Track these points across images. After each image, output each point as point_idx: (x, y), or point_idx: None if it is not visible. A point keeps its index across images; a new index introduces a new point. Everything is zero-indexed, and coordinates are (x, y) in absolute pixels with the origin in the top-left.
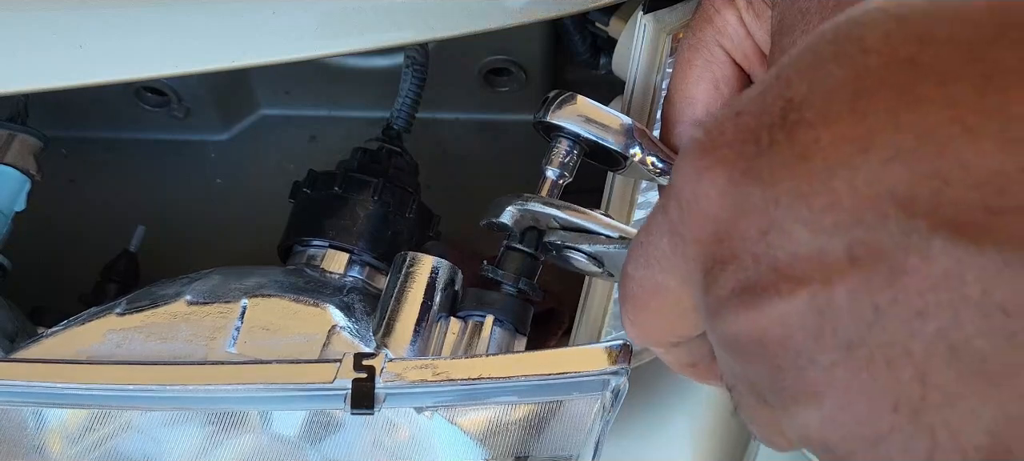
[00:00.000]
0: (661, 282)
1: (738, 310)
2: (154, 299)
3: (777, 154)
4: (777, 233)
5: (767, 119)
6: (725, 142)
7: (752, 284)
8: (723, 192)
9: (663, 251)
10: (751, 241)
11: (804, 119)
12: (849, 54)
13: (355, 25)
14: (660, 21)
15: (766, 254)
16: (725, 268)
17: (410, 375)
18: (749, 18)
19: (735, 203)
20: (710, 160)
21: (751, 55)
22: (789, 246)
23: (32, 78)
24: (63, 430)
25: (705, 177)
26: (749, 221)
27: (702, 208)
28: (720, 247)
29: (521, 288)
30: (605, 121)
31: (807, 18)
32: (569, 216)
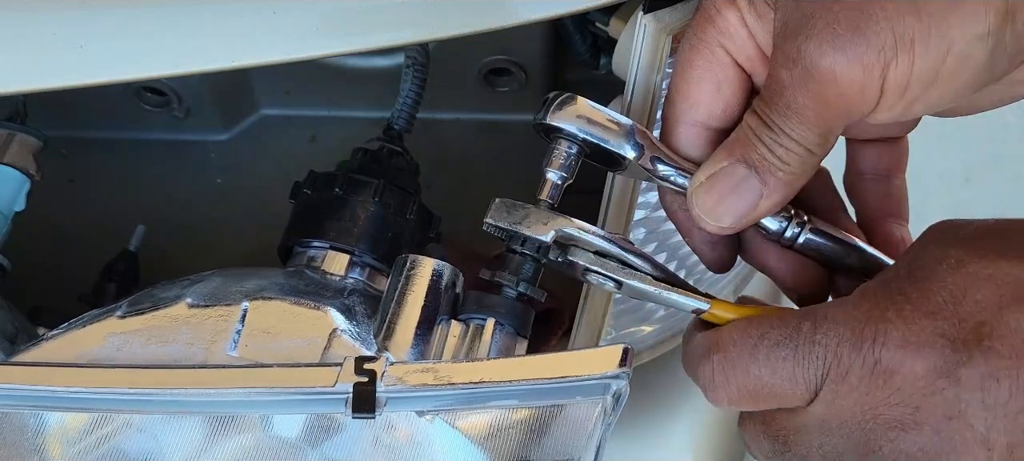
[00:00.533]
0: (778, 388)
1: None
2: (155, 302)
3: (974, 369)
4: (960, 422)
5: (963, 335)
6: (926, 341)
7: (932, 450)
8: (918, 377)
9: (789, 370)
10: (936, 420)
11: (995, 349)
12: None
13: (355, 25)
14: (660, 21)
15: (947, 432)
16: (908, 432)
17: (411, 379)
18: (751, 19)
19: (931, 389)
20: (914, 351)
21: (753, 56)
22: (967, 433)
23: (32, 78)
24: (63, 433)
25: (908, 356)
26: (940, 408)
27: (896, 380)
28: (904, 413)
29: (522, 291)
30: (605, 122)
31: (811, 22)
32: (651, 288)
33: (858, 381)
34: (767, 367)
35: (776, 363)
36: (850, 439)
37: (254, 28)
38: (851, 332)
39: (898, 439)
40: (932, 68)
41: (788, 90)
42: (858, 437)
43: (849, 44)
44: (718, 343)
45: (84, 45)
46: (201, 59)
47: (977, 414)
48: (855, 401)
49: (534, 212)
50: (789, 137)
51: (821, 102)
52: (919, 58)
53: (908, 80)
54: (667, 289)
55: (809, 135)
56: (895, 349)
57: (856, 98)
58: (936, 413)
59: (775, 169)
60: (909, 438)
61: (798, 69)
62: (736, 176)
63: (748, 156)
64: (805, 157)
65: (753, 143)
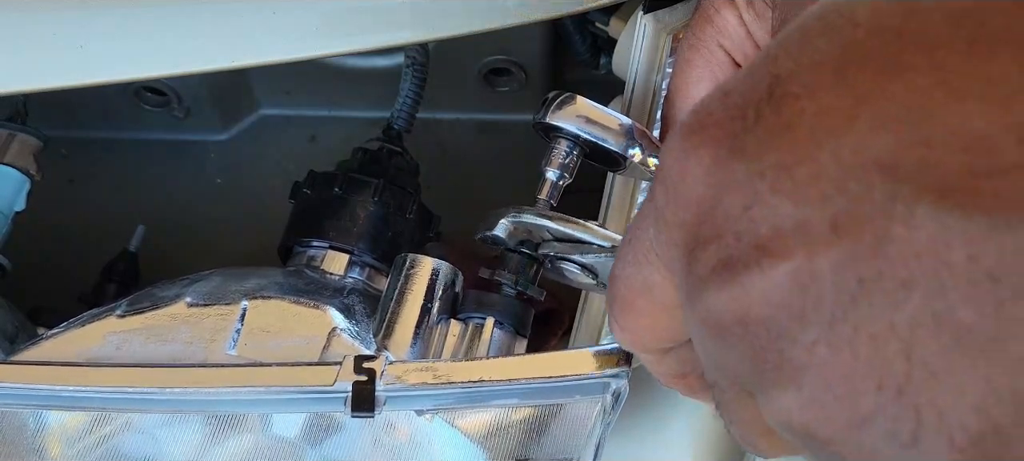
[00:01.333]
0: (648, 277)
1: (718, 289)
2: (154, 301)
3: (762, 128)
4: (760, 207)
5: (754, 96)
6: (713, 122)
7: (733, 261)
8: (708, 171)
9: (650, 242)
10: (734, 218)
11: (790, 92)
12: (836, 28)
13: (355, 25)
14: (660, 21)
15: (748, 229)
16: (706, 247)
17: (411, 378)
18: (749, 18)
19: (720, 181)
20: (697, 140)
21: (752, 55)
22: (772, 219)
23: (32, 78)
24: (63, 432)
25: (692, 157)
26: (733, 197)
27: (687, 189)
28: (702, 226)
29: (521, 290)
30: (605, 122)
31: None
32: (562, 227)
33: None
34: (623, 262)
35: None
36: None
37: (254, 28)
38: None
39: (696, 261)
40: None
41: None
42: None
43: None
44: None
45: (84, 45)
46: (201, 59)
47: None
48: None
49: (492, 213)
50: None
51: None
52: None
53: None
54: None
55: None
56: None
57: None
58: (732, 208)
59: None
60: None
61: None
62: None
63: None
64: None
65: None
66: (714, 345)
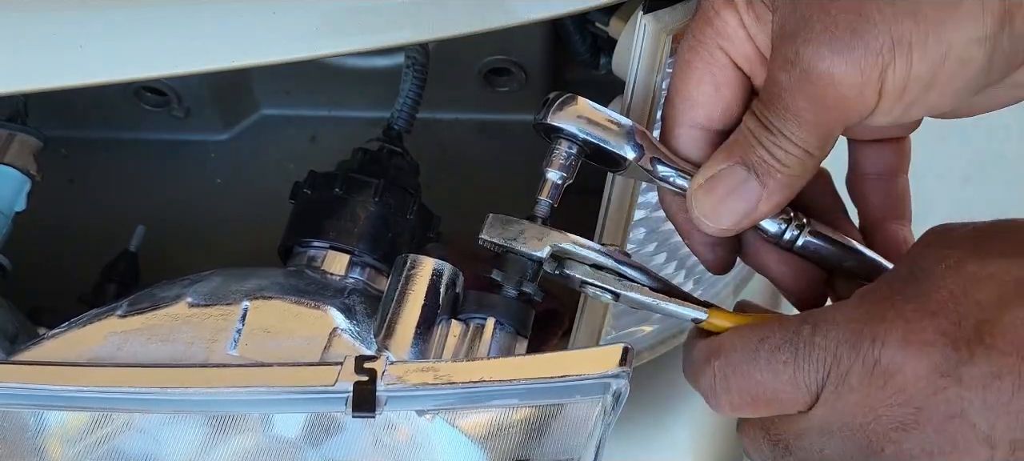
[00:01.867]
0: (779, 391)
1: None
2: (155, 301)
3: (976, 367)
4: (962, 421)
5: (965, 333)
6: (927, 340)
7: (934, 450)
8: (923, 377)
9: (801, 373)
10: (938, 420)
11: (997, 347)
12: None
13: (355, 25)
14: (660, 21)
15: (949, 431)
16: (910, 432)
17: (411, 378)
18: (749, 20)
19: (934, 390)
20: (915, 350)
21: (752, 57)
22: (970, 432)
23: (32, 78)
24: (64, 432)
25: (911, 358)
26: (942, 407)
27: (897, 381)
28: (906, 413)
29: (522, 290)
30: (605, 123)
31: (809, 25)
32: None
33: (858, 383)
34: (768, 371)
35: (776, 366)
36: (852, 442)
37: (254, 28)
38: (850, 333)
39: (900, 440)
40: (930, 71)
41: (786, 93)
42: (860, 439)
43: (847, 47)
44: (719, 349)
45: (84, 45)
46: (201, 59)
47: (979, 413)
48: (856, 403)
49: (529, 228)
50: (788, 139)
51: (819, 105)
52: (917, 61)
53: (906, 83)
54: (664, 300)
55: (808, 138)
56: (895, 349)
57: (854, 101)
58: (938, 413)
59: (774, 171)
60: (912, 439)
61: (796, 72)
62: (735, 178)
63: (747, 158)
64: (804, 159)
65: (752, 145)
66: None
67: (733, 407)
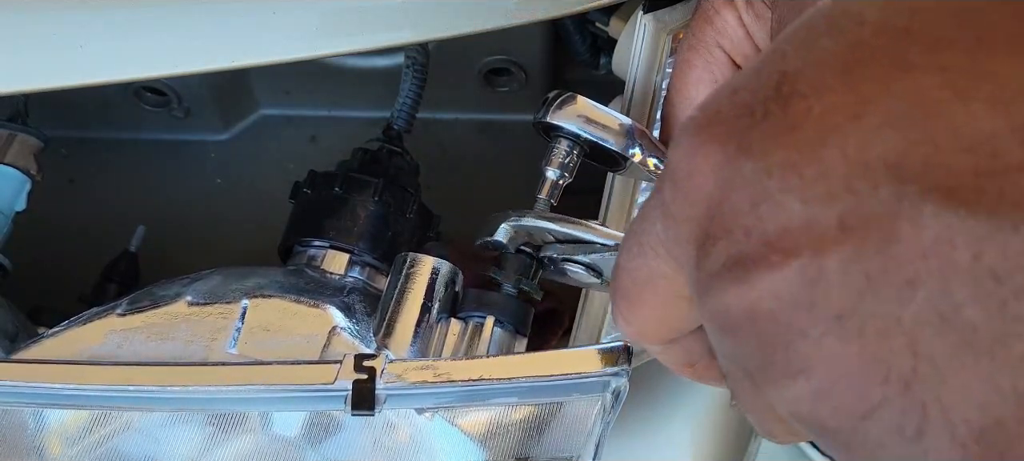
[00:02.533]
0: (655, 269)
1: (728, 285)
2: (155, 300)
3: (770, 126)
4: (768, 205)
5: (762, 93)
6: (721, 119)
7: (743, 257)
8: (717, 167)
9: (657, 236)
10: (743, 214)
11: (797, 90)
12: (843, 27)
13: (355, 25)
14: (660, 21)
15: (757, 226)
16: (716, 243)
17: (411, 376)
18: (749, 19)
19: (728, 177)
20: (705, 136)
21: (751, 56)
22: (780, 217)
23: (32, 78)
24: (63, 431)
25: (699, 153)
26: (741, 194)
27: (696, 185)
28: (712, 223)
29: (522, 288)
30: (605, 122)
31: None
32: (564, 228)
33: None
34: (628, 253)
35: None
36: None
37: (254, 28)
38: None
39: (706, 259)
40: None
41: None
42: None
43: None
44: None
45: (84, 45)
46: (201, 59)
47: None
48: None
49: (492, 216)
50: None
51: None
52: None
53: None
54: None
55: None
56: (685, 150)
57: None
58: (740, 205)
59: None
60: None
61: None
62: None
63: None
64: None
65: None
66: (726, 339)
67: (626, 320)
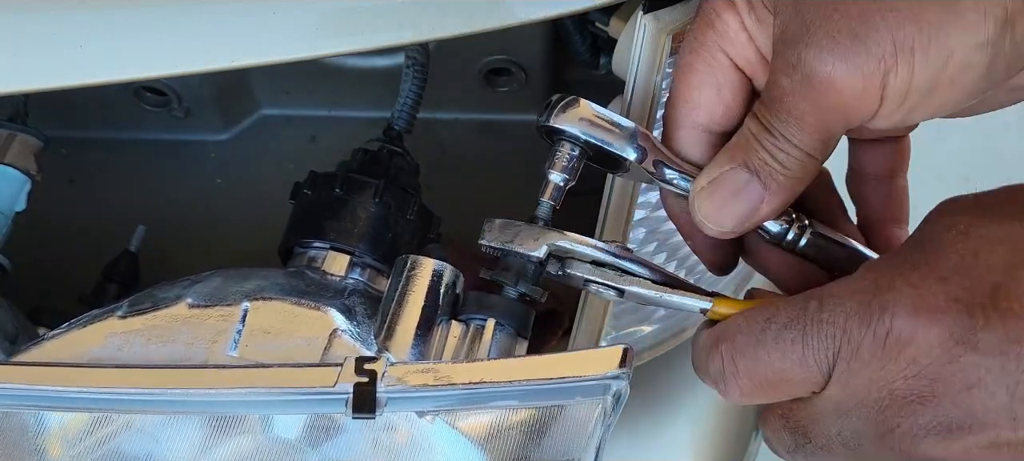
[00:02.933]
0: (788, 371)
1: (938, 441)
2: (155, 302)
3: (992, 333)
4: (981, 391)
5: (978, 298)
6: (938, 306)
7: (953, 424)
8: (933, 346)
9: (811, 351)
10: (955, 391)
11: (1013, 310)
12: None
13: (355, 25)
14: (660, 21)
15: (967, 403)
16: (925, 406)
17: (412, 379)
18: (751, 23)
19: (948, 359)
20: (926, 319)
21: (753, 60)
22: (990, 403)
23: (32, 78)
24: (64, 434)
25: (921, 329)
26: (958, 377)
27: (909, 351)
28: (922, 386)
29: (522, 291)
30: (608, 125)
31: (810, 29)
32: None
33: (870, 356)
34: (776, 350)
35: (785, 346)
36: (867, 420)
37: (254, 28)
38: (858, 305)
39: (916, 414)
40: (932, 76)
41: (788, 96)
42: (875, 416)
43: (849, 52)
44: (725, 333)
45: (84, 45)
46: (201, 59)
47: (999, 382)
48: (869, 378)
49: (525, 229)
50: (790, 142)
51: (821, 109)
52: (919, 66)
53: (908, 88)
54: (668, 292)
55: (809, 141)
56: (906, 318)
57: (856, 105)
58: (955, 383)
59: (776, 174)
60: (928, 412)
61: (798, 76)
62: (737, 181)
63: (749, 161)
64: (805, 162)
65: (754, 148)
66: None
67: (743, 393)
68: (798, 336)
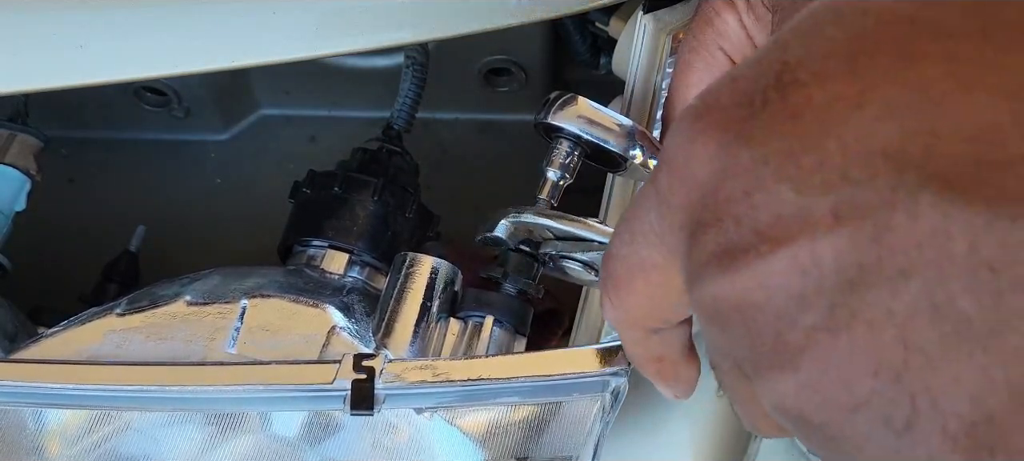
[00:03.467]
0: (647, 257)
1: (718, 274)
2: (154, 299)
3: (769, 115)
4: (762, 194)
5: (762, 82)
6: (720, 106)
7: (733, 246)
8: (713, 156)
9: (650, 224)
10: (735, 203)
11: (798, 79)
12: (848, 16)
13: (355, 25)
14: (660, 21)
15: (749, 215)
16: (707, 231)
17: (410, 376)
18: (750, 21)
19: (724, 165)
20: (703, 124)
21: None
22: (774, 206)
23: (32, 78)
24: (62, 431)
25: (697, 141)
26: (735, 182)
27: (691, 172)
28: (705, 211)
29: (521, 288)
30: (606, 123)
31: None
32: (563, 225)
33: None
34: (621, 239)
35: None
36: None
37: (254, 28)
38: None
39: (696, 247)
40: None
41: None
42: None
43: None
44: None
45: (84, 45)
46: (201, 59)
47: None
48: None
49: (491, 213)
50: None
51: None
52: None
53: None
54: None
55: None
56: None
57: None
58: (733, 194)
59: None
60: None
61: None
62: None
63: None
64: None
65: None
66: (714, 329)
67: (614, 306)
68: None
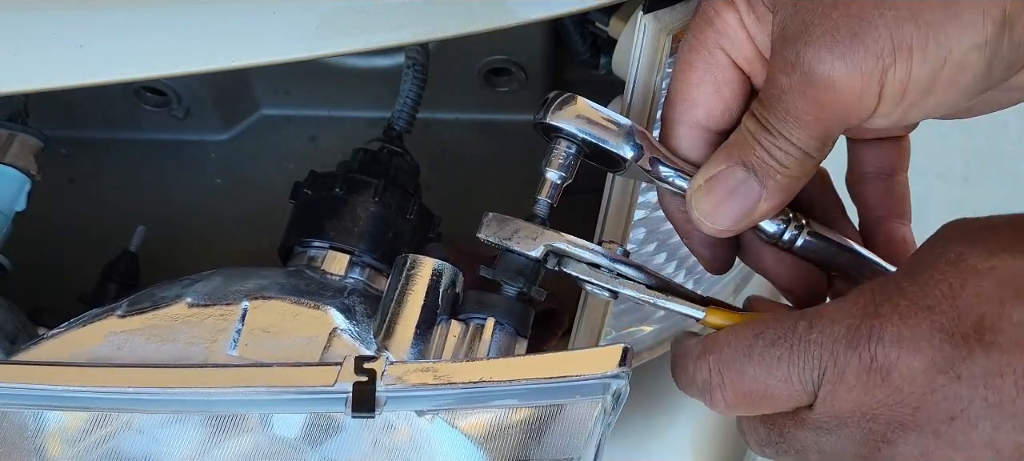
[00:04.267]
0: (775, 389)
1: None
2: (155, 301)
3: (976, 365)
4: (963, 422)
5: (963, 329)
6: (922, 335)
7: (933, 453)
8: (923, 373)
9: (797, 371)
10: (937, 421)
11: (998, 344)
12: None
13: (355, 25)
14: (660, 21)
15: (949, 433)
16: (907, 433)
17: (411, 378)
18: (750, 21)
19: (932, 387)
20: (909, 348)
21: (752, 58)
22: (972, 434)
23: (32, 78)
24: (63, 433)
25: (905, 354)
26: (941, 407)
27: (893, 378)
28: (903, 413)
29: (522, 290)
30: (605, 123)
31: (809, 28)
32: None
33: (855, 380)
34: (762, 367)
35: (771, 363)
36: (849, 441)
37: (254, 28)
38: (846, 329)
39: (897, 441)
40: (930, 76)
41: (786, 95)
42: (857, 438)
43: (847, 51)
44: (713, 344)
45: (84, 45)
46: (201, 59)
47: (981, 413)
48: (853, 401)
49: (524, 228)
50: (788, 141)
51: (819, 107)
52: (917, 65)
53: (906, 87)
54: (662, 297)
55: (807, 140)
56: (891, 345)
57: (854, 104)
58: (937, 413)
59: (774, 172)
60: (909, 440)
61: (796, 74)
62: (735, 179)
63: (747, 159)
64: (803, 161)
65: (752, 146)
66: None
67: (728, 404)
68: (785, 354)
